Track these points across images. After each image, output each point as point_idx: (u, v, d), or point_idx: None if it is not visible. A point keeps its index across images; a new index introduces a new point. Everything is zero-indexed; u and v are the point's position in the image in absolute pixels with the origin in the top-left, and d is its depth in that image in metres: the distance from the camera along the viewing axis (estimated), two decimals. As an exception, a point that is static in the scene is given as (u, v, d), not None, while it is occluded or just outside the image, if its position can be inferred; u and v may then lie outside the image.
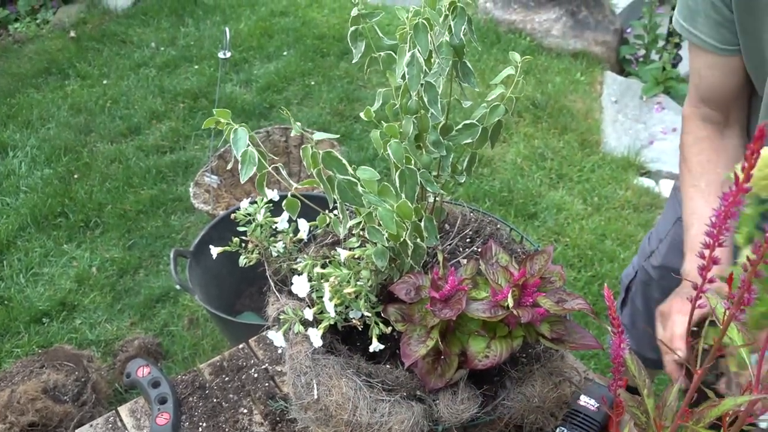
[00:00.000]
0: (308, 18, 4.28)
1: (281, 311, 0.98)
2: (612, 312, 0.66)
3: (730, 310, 0.59)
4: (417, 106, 0.89)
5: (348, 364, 0.92)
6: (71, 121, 3.52)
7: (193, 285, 2.06)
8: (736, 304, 0.58)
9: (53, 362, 2.09)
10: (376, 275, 0.94)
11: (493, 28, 4.07)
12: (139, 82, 3.80)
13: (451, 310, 0.84)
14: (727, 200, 0.52)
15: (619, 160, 3.22)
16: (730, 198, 0.52)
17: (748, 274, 0.56)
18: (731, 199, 0.51)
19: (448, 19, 0.86)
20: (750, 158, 0.48)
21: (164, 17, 4.34)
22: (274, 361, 1.29)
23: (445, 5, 0.85)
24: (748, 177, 0.49)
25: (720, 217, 0.53)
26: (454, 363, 0.88)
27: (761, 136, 0.47)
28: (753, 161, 0.48)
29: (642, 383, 0.75)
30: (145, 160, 3.27)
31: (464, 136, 0.96)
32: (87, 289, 2.67)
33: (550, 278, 0.91)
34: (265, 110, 3.56)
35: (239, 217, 1.07)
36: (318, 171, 0.86)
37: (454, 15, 0.85)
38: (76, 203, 3.02)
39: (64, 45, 4.13)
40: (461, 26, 0.86)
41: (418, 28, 0.84)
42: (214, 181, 2.65)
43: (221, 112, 0.86)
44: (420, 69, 0.85)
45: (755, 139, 0.48)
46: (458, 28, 0.86)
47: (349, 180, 0.85)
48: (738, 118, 1.28)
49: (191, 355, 2.40)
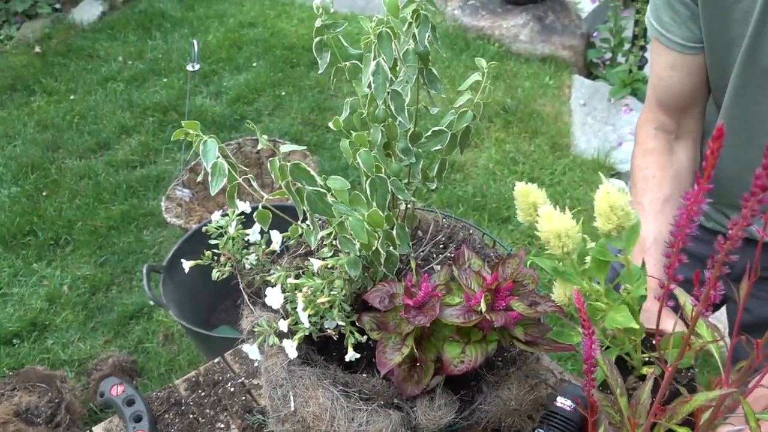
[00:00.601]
0: (277, 29, 4.28)
1: (255, 324, 0.97)
2: (582, 314, 0.66)
3: (697, 307, 0.60)
4: (384, 115, 0.90)
5: (324, 375, 0.92)
6: (38, 137, 3.47)
7: (167, 300, 2.03)
8: (703, 302, 0.59)
9: (25, 384, 2.05)
10: (350, 284, 0.93)
11: (462, 35, 4.10)
12: (107, 96, 3.76)
13: (425, 316, 0.84)
14: (690, 200, 0.52)
15: (590, 162, 3.26)
16: (692, 198, 0.52)
17: (714, 272, 0.57)
18: (693, 199, 0.52)
19: (412, 27, 0.86)
20: (710, 157, 0.49)
21: (131, 31, 4.30)
22: (251, 374, 1.28)
23: (409, 13, 0.86)
24: (708, 176, 0.50)
25: (683, 216, 0.54)
26: (430, 369, 0.88)
27: (720, 135, 0.48)
28: (713, 161, 0.49)
29: (614, 382, 0.76)
30: (115, 175, 3.23)
31: (433, 143, 0.97)
32: (58, 308, 2.62)
33: (522, 281, 0.91)
34: (235, 122, 3.55)
35: (211, 230, 1.06)
36: (287, 183, 0.86)
37: (418, 23, 0.86)
38: (45, 221, 2.98)
39: (29, 61, 4.08)
40: (425, 34, 0.86)
41: (382, 37, 0.84)
42: (186, 195, 2.63)
43: (190, 124, 0.85)
44: (386, 77, 0.86)
45: (714, 138, 0.49)
46: (422, 36, 0.86)
47: (318, 191, 0.85)
48: (690, 130, 1.28)
49: (167, 372, 2.37)
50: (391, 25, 0.85)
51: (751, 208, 0.52)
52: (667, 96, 1.26)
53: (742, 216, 0.54)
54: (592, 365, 0.68)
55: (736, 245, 0.57)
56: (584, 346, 0.67)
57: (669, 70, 1.22)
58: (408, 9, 0.86)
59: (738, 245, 0.57)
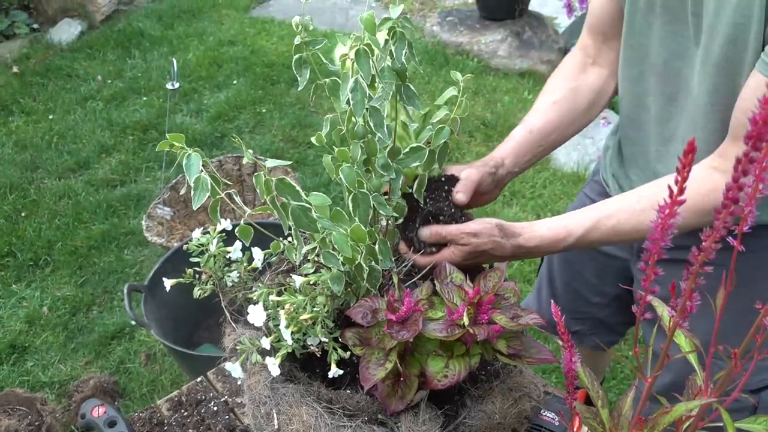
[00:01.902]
0: (257, 46, 4.29)
1: (238, 341, 0.97)
2: (561, 327, 0.67)
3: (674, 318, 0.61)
4: (364, 131, 0.90)
5: (308, 392, 0.92)
6: (16, 158, 3.44)
7: (149, 320, 2.02)
8: (680, 312, 0.60)
9: (4, 407, 2.01)
10: (332, 300, 0.94)
11: (441, 51, 4.13)
12: (86, 116, 3.74)
13: (408, 331, 0.84)
14: (663, 213, 0.53)
15: (570, 175, 3.29)
16: (665, 210, 0.53)
17: (689, 283, 0.58)
18: (666, 212, 0.53)
19: (389, 44, 0.87)
20: (682, 171, 0.50)
21: (110, 50, 4.29)
22: (234, 392, 1.28)
23: (385, 31, 0.87)
24: (681, 190, 0.51)
25: (657, 229, 0.55)
26: (413, 384, 0.89)
27: (691, 150, 0.49)
28: (685, 174, 0.49)
29: (596, 395, 0.76)
30: (95, 194, 3.21)
31: (412, 159, 0.97)
32: (38, 329, 2.59)
33: (504, 295, 0.92)
34: (216, 139, 3.54)
35: (192, 248, 1.06)
36: (272, 198, 0.86)
37: (395, 40, 0.87)
38: (24, 242, 2.94)
39: (7, 81, 4.05)
40: (402, 50, 0.87)
41: (359, 54, 0.85)
42: (167, 213, 2.62)
43: (175, 137, 0.85)
44: (364, 94, 0.86)
45: (685, 152, 0.50)
46: (399, 53, 0.87)
47: (303, 206, 0.86)
48: (608, 62, 1.29)
49: (150, 392, 2.35)
50: (368, 42, 0.85)
51: (723, 220, 0.53)
52: (591, 16, 1.30)
53: (714, 228, 0.55)
54: (573, 378, 0.68)
55: (711, 256, 0.57)
56: (564, 359, 0.67)
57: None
58: (384, 26, 0.87)
59: (712, 256, 0.58)
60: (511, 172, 1.25)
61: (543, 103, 1.29)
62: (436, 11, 4.57)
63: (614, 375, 2.37)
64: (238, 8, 4.83)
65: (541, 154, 1.28)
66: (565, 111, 1.27)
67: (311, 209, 0.86)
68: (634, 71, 1.21)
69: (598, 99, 1.31)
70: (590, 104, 1.30)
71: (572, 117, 1.28)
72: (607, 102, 1.33)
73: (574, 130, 1.31)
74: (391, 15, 0.88)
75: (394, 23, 0.86)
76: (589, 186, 1.50)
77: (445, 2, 4.75)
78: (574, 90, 1.30)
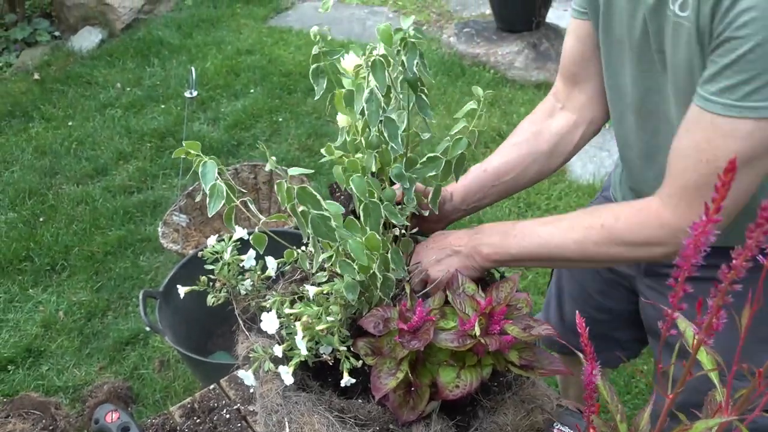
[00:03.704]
0: (274, 56, 4.32)
1: (251, 349, 0.97)
2: (584, 339, 0.66)
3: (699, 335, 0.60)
4: (378, 141, 0.91)
5: (320, 401, 0.92)
6: (36, 163, 3.48)
7: (163, 326, 2.03)
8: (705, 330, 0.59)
9: (19, 411, 2.03)
10: (346, 309, 0.94)
11: (458, 62, 4.14)
12: (105, 122, 3.78)
13: (419, 341, 0.84)
14: (697, 230, 0.52)
15: (585, 187, 3.27)
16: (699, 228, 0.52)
17: (717, 300, 0.57)
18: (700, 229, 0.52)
19: (400, 55, 0.88)
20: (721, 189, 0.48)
21: (130, 58, 4.34)
22: (246, 400, 1.28)
23: (397, 41, 0.87)
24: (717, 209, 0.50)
25: (689, 246, 0.54)
26: (425, 395, 0.88)
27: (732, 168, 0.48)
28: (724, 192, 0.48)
29: (615, 409, 0.76)
30: (112, 201, 3.24)
31: (428, 168, 0.98)
32: (54, 334, 2.61)
33: (516, 305, 0.92)
34: (233, 147, 3.56)
35: (206, 256, 1.06)
36: (292, 206, 0.86)
37: (406, 51, 0.87)
38: (41, 246, 2.97)
39: (28, 87, 4.10)
40: (413, 61, 0.88)
41: (375, 65, 0.85)
42: (183, 220, 2.63)
43: (191, 144, 0.85)
44: (378, 104, 0.87)
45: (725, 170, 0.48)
46: (410, 63, 0.88)
47: (323, 215, 0.86)
48: (578, 106, 1.28)
49: (163, 398, 2.36)
50: (384, 53, 0.86)
51: (756, 239, 0.52)
52: (563, 60, 1.29)
53: (746, 246, 0.54)
54: (593, 391, 0.68)
55: (740, 274, 0.56)
56: (585, 372, 0.66)
57: (567, 34, 1.26)
58: (396, 37, 0.87)
59: (742, 274, 0.56)
60: (458, 209, 1.24)
61: (504, 144, 1.30)
62: (453, 22, 4.58)
63: (629, 389, 2.34)
64: (257, 18, 4.88)
65: (496, 195, 1.27)
66: (524, 153, 1.26)
67: (331, 218, 0.86)
68: (615, 112, 1.22)
69: (562, 143, 1.29)
70: (552, 148, 1.28)
71: (532, 159, 1.27)
72: (574, 147, 1.31)
73: (535, 173, 1.29)
74: (402, 26, 0.89)
75: (405, 33, 0.87)
76: (599, 201, 1.49)
77: (462, 13, 4.76)
78: (537, 133, 1.29)
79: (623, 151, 1.28)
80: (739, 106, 0.89)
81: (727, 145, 0.91)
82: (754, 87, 0.87)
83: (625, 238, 1.02)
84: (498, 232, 1.09)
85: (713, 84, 0.91)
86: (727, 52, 0.88)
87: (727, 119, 0.90)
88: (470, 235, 1.10)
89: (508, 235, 1.08)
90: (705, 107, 0.92)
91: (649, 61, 1.07)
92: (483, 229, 1.11)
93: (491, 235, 1.09)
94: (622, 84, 1.15)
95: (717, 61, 0.90)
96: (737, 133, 0.90)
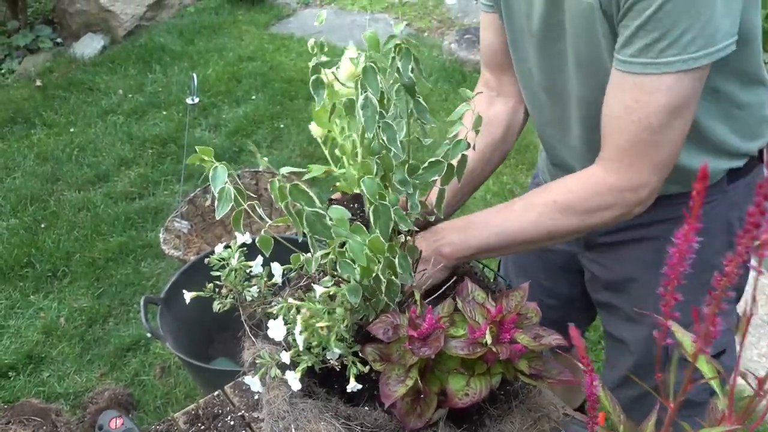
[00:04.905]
0: (276, 62, 4.32)
1: (258, 356, 0.97)
2: (581, 351, 0.66)
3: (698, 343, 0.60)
4: (379, 147, 0.91)
5: (326, 407, 0.91)
6: (37, 170, 3.48)
7: (165, 332, 2.02)
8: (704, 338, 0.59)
9: (20, 417, 2.02)
10: (351, 314, 0.93)
11: (459, 69, 4.15)
12: (106, 129, 3.78)
13: (429, 348, 0.84)
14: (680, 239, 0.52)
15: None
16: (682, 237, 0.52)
17: (712, 308, 0.57)
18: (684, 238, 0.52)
19: (395, 61, 0.88)
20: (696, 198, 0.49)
21: (131, 64, 4.34)
22: (251, 407, 1.27)
23: (390, 48, 0.88)
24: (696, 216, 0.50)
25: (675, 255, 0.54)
26: (433, 402, 0.88)
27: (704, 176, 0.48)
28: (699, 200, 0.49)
29: (617, 419, 0.75)
30: (113, 207, 3.23)
31: (430, 173, 0.97)
32: (55, 340, 2.60)
33: (526, 314, 0.92)
34: (234, 154, 3.56)
35: (213, 262, 1.06)
36: (286, 204, 0.87)
37: (400, 56, 0.87)
38: (43, 253, 2.97)
39: (30, 94, 4.10)
40: (408, 66, 0.88)
41: (366, 71, 0.86)
42: (185, 227, 2.63)
43: (204, 150, 0.86)
44: (374, 110, 0.87)
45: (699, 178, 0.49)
46: (405, 68, 0.88)
47: (317, 212, 0.86)
48: (510, 89, 1.33)
49: (163, 405, 2.35)
50: (373, 59, 0.86)
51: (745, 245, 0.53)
52: (484, 54, 1.34)
53: (737, 252, 0.54)
54: (595, 402, 0.67)
55: (733, 281, 0.57)
56: (586, 383, 0.66)
57: (483, 29, 1.32)
58: (389, 44, 0.88)
59: (735, 281, 0.57)
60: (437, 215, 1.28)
61: None
62: (454, 29, 4.59)
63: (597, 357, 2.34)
64: (258, 25, 4.89)
65: (469, 191, 1.31)
66: (483, 145, 1.28)
67: (325, 216, 0.86)
68: (527, 92, 1.28)
69: (511, 126, 1.34)
70: (505, 132, 1.33)
71: (492, 148, 1.31)
72: (520, 128, 1.37)
73: (497, 160, 1.34)
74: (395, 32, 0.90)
75: (399, 39, 0.87)
76: (531, 189, 1.52)
77: (463, 20, 4.77)
78: (487, 123, 1.34)
79: (541, 129, 1.34)
80: (656, 63, 0.95)
81: (655, 100, 0.98)
82: (666, 43, 0.94)
83: (578, 207, 1.08)
84: (455, 229, 1.12)
85: (629, 47, 0.97)
86: (636, 14, 0.94)
87: (649, 77, 0.97)
88: (428, 238, 1.11)
89: (466, 230, 1.11)
90: (626, 69, 0.99)
91: (550, 45, 1.14)
92: (438, 230, 1.13)
93: (449, 234, 1.11)
94: (529, 67, 1.22)
95: (629, 24, 0.96)
96: (661, 88, 0.97)
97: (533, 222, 1.10)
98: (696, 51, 0.94)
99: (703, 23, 0.92)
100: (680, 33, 0.92)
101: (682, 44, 0.93)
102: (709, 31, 0.93)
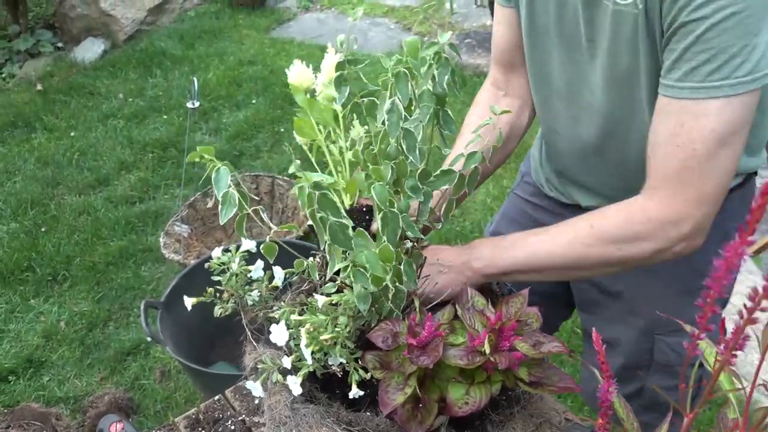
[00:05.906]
0: (276, 66, 4.33)
1: (259, 360, 0.97)
2: (601, 356, 0.66)
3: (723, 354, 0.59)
4: (396, 152, 0.90)
5: (328, 413, 0.91)
6: (38, 174, 3.49)
7: (165, 336, 2.02)
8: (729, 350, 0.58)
9: (19, 422, 2.02)
10: (354, 321, 0.93)
11: (459, 73, 4.15)
12: (107, 133, 3.78)
13: (428, 357, 0.84)
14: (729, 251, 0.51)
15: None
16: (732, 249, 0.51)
17: (744, 321, 0.56)
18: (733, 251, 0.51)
19: (431, 69, 0.88)
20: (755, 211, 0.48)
21: (132, 69, 4.35)
22: (251, 412, 1.27)
23: (430, 55, 0.88)
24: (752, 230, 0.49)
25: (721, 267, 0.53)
26: (433, 410, 0.88)
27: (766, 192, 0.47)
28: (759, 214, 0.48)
29: (630, 426, 0.75)
30: (114, 211, 3.24)
31: (442, 182, 0.98)
32: (55, 344, 2.60)
33: (526, 321, 0.92)
34: (234, 158, 3.57)
35: (213, 266, 1.06)
36: (312, 211, 0.86)
37: (439, 65, 0.87)
38: (43, 257, 2.97)
39: (31, 98, 4.11)
40: (445, 76, 0.88)
41: (399, 77, 0.85)
42: (185, 231, 2.63)
43: (205, 149, 0.85)
44: (400, 116, 0.87)
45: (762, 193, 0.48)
46: (442, 78, 0.88)
47: (342, 222, 0.86)
48: (518, 90, 1.30)
49: (164, 409, 2.35)
50: (410, 65, 0.86)
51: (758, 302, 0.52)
52: (495, 50, 1.31)
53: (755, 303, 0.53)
54: (608, 408, 0.67)
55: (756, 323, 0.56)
56: (602, 390, 0.66)
57: (497, 24, 1.28)
58: (430, 51, 0.88)
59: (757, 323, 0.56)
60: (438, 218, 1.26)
61: (461, 143, 1.29)
62: (455, 33, 4.60)
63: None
64: (259, 29, 4.89)
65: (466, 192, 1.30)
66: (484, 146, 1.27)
67: (348, 227, 0.86)
68: (539, 97, 1.25)
69: (514, 128, 1.31)
70: (507, 134, 1.30)
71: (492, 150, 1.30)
72: (524, 130, 1.34)
73: (497, 162, 1.31)
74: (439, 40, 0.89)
75: (440, 48, 0.87)
76: (521, 187, 1.51)
77: (464, 24, 4.78)
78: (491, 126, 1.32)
79: (548, 136, 1.31)
80: (704, 87, 0.92)
81: (701, 125, 0.94)
82: (714, 66, 0.91)
83: (614, 234, 1.03)
84: (489, 245, 1.10)
85: (675, 71, 0.94)
86: (684, 36, 0.91)
87: (695, 101, 0.93)
88: (461, 251, 1.10)
89: (499, 247, 1.08)
90: (672, 95, 0.96)
91: (577, 50, 1.10)
92: (474, 245, 1.11)
93: (482, 249, 1.09)
94: (548, 71, 1.18)
95: (675, 47, 0.93)
96: (708, 113, 0.93)
97: (566, 245, 1.06)
98: (744, 75, 0.91)
99: (752, 48, 0.90)
100: (729, 56, 0.90)
101: (730, 68, 0.90)
102: (756, 56, 0.90)
